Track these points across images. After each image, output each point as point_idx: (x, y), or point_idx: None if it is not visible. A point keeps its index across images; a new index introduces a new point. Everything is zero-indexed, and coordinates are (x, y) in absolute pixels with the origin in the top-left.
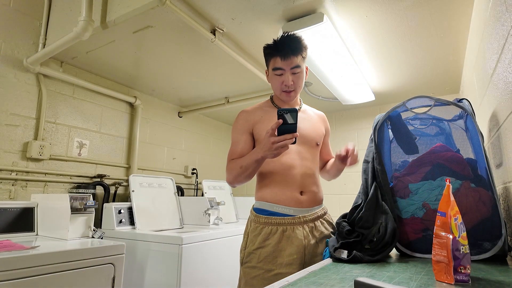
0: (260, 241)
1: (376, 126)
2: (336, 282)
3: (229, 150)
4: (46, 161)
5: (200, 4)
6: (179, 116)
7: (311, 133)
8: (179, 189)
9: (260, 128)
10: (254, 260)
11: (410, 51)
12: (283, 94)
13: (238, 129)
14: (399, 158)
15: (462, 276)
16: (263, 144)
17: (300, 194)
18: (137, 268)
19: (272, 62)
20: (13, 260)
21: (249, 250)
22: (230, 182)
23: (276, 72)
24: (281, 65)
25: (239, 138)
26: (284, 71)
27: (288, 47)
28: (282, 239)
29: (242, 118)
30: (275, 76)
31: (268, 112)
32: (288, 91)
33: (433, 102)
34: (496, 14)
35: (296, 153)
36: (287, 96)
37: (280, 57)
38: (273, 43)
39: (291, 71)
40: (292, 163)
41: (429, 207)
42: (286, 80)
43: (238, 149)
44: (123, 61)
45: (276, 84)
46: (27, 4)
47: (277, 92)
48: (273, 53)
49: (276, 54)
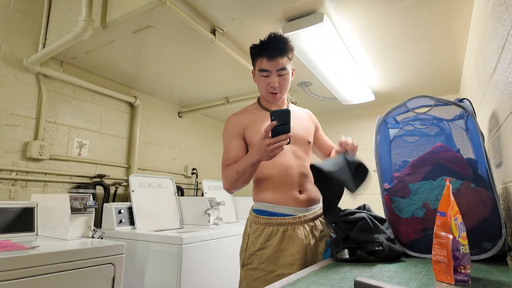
0: (262, 242)
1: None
2: (336, 282)
3: (223, 157)
4: (46, 161)
5: (200, 4)
6: (179, 116)
7: (302, 131)
8: (179, 189)
9: (252, 131)
10: (256, 262)
11: (410, 51)
12: (269, 96)
13: (229, 135)
14: (399, 158)
15: (462, 276)
16: (258, 146)
17: (299, 193)
18: (137, 268)
19: (259, 63)
20: (13, 260)
21: (250, 251)
22: (228, 189)
23: (263, 73)
24: (267, 67)
25: (231, 144)
26: (270, 72)
27: (274, 48)
28: (283, 240)
29: (232, 123)
30: (261, 78)
31: (257, 114)
32: (274, 92)
33: (433, 102)
34: (496, 14)
35: (291, 153)
36: (273, 97)
37: (266, 58)
38: (260, 44)
39: (277, 73)
40: (289, 164)
41: (429, 207)
42: (272, 82)
43: (231, 154)
44: (123, 61)
45: (262, 85)
46: (27, 4)
47: (263, 93)
48: (260, 53)
49: (262, 55)
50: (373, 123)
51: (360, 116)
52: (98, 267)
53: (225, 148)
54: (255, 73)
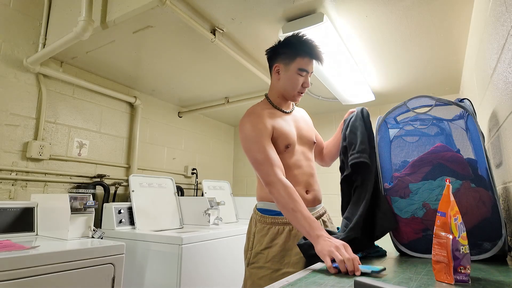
0: (268, 241)
1: (376, 127)
2: (336, 282)
3: (261, 161)
4: (46, 161)
5: (200, 4)
6: (179, 116)
7: (309, 132)
8: (179, 189)
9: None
10: (262, 261)
11: (410, 51)
12: (297, 95)
13: (262, 135)
14: (399, 158)
15: (462, 276)
16: (328, 242)
17: (306, 193)
18: (137, 268)
19: (301, 62)
20: (13, 260)
21: (256, 250)
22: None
23: (301, 73)
24: (308, 68)
25: (267, 146)
26: (307, 73)
27: (319, 53)
28: (289, 239)
29: (261, 122)
30: (298, 76)
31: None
32: (302, 92)
33: (434, 102)
34: (496, 14)
35: (301, 153)
36: (300, 97)
37: (310, 59)
38: (305, 43)
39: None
40: (299, 164)
41: (429, 207)
42: (307, 82)
43: (275, 161)
44: (123, 61)
45: (294, 84)
46: (27, 4)
47: (291, 91)
48: (306, 52)
49: (309, 55)
50: (373, 123)
51: None
52: (98, 267)
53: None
54: (285, 70)
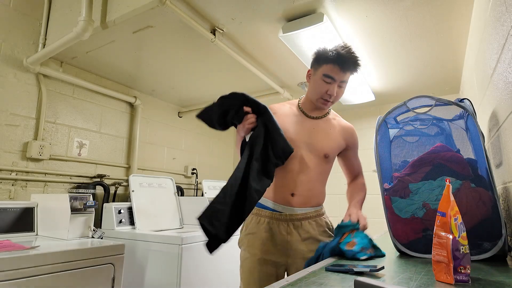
0: (250, 228)
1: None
2: (336, 282)
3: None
4: (46, 161)
5: (200, 4)
6: (179, 116)
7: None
8: (179, 189)
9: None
10: (245, 244)
11: (410, 51)
12: (320, 101)
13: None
14: (399, 158)
15: (462, 276)
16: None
17: (291, 196)
18: (137, 268)
19: (327, 68)
20: (13, 260)
21: (242, 235)
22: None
23: (326, 79)
24: (334, 75)
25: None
26: (334, 81)
27: (350, 62)
28: (267, 230)
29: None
30: (323, 82)
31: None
32: (327, 100)
33: (434, 102)
34: (496, 14)
35: (297, 159)
36: (324, 104)
37: (339, 68)
38: (337, 52)
39: (339, 84)
40: (291, 168)
41: (429, 207)
42: (332, 90)
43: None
44: (123, 61)
45: (318, 90)
46: (27, 4)
47: (314, 97)
48: (334, 60)
49: (336, 63)
50: (373, 123)
51: (360, 116)
52: (98, 267)
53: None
54: (314, 75)
